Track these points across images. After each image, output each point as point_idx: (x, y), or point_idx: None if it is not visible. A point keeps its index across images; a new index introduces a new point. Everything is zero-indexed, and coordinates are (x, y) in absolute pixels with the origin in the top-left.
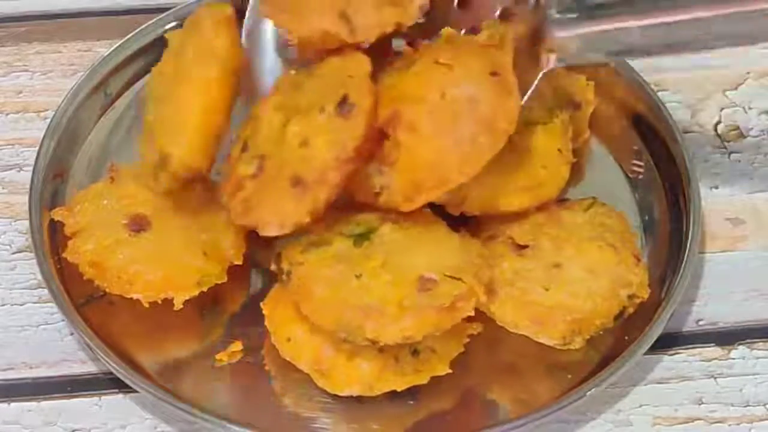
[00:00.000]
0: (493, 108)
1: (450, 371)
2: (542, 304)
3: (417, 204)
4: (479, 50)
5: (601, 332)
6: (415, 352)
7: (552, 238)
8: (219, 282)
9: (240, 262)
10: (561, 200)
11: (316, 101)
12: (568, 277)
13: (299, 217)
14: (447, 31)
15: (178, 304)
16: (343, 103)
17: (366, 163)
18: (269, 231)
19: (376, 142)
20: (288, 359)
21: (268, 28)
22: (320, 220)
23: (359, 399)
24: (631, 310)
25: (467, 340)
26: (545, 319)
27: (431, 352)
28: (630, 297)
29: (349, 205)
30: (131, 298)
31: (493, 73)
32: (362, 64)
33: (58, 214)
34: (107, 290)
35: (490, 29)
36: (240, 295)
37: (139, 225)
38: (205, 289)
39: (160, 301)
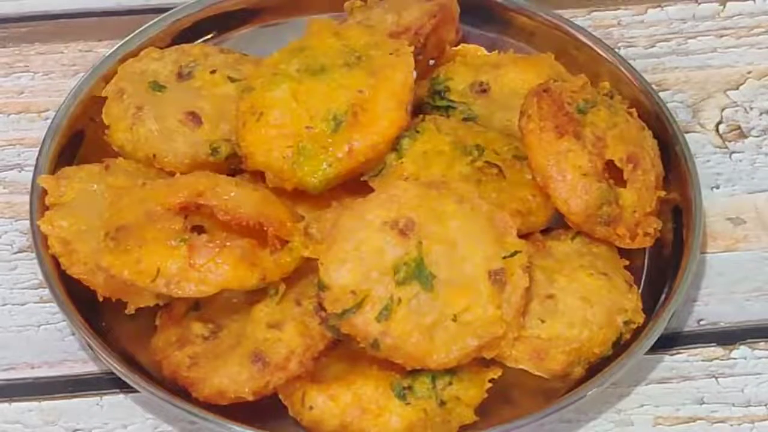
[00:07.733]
0: None
1: (477, 419)
2: (539, 337)
3: None
4: None
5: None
6: (442, 403)
7: (542, 269)
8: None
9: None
10: (546, 230)
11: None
12: (563, 307)
13: (245, 392)
14: None
15: (130, 310)
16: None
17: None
18: (206, 392)
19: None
20: (312, 427)
21: None
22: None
23: None
24: (627, 336)
25: (489, 385)
26: (544, 352)
27: (457, 401)
28: (626, 323)
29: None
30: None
31: None
32: None
33: (44, 181)
34: (67, 270)
35: None
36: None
37: None
38: (161, 303)
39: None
